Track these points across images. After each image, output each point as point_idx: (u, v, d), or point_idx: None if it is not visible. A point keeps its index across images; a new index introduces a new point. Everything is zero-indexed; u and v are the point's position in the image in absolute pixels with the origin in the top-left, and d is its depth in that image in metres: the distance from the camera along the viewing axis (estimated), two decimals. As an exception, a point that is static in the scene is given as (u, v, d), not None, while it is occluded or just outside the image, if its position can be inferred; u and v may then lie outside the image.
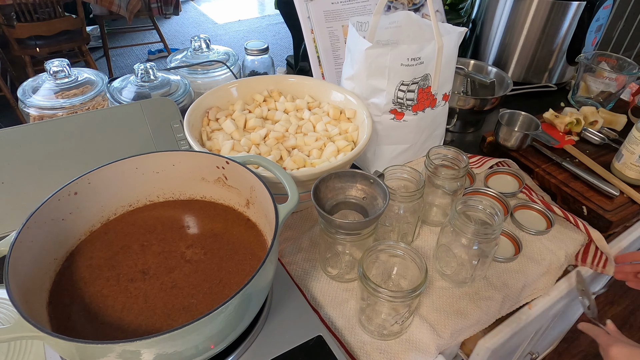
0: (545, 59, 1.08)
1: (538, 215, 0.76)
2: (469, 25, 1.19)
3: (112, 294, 0.48)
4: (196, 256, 0.53)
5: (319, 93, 0.82)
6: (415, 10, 0.95)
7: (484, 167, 0.85)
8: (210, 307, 0.39)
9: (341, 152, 0.70)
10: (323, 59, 0.88)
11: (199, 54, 1.02)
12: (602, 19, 1.03)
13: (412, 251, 0.54)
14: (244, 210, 0.58)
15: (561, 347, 1.63)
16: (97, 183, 0.54)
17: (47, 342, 0.38)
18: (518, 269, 0.68)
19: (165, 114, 0.77)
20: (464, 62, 1.04)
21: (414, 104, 0.76)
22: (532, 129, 0.89)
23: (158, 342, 0.36)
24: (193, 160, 0.57)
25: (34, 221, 0.46)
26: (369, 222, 0.55)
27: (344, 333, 0.57)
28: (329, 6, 0.87)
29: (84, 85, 0.89)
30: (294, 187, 0.51)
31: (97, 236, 0.55)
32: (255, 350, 0.49)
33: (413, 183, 0.65)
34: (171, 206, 0.60)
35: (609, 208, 0.75)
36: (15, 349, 0.52)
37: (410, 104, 0.76)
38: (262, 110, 0.78)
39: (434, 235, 0.72)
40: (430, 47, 0.71)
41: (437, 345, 0.57)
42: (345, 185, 0.61)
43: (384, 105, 0.76)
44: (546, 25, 1.03)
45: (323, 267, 0.64)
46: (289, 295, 0.56)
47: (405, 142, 0.81)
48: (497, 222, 0.58)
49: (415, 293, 0.49)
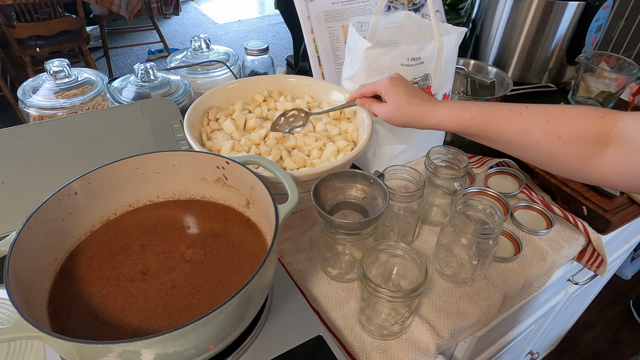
0: (545, 59, 1.08)
1: (538, 215, 0.76)
2: (469, 25, 1.18)
3: (112, 294, 0.48)
4: (196, 256, 0.53)
5: (319, 93, 0.82)
6: (415, 10, 0.95)
7: (484, 167, 0.85)
8: (210, 307, 0.39)
9: (341, 152, 0.70)
10: (323, 59, 0.88)
11: (199, 54, 1.02)
12: (602, 19, 1.03)
13: (412, 251, 0.54)
14: (244, 210, 0.58)
15: (561, 347, 1.63)
16: (97, 183, 0.54)
17: (47, 342, 0.38)
18: (518, 269, 0.68)
19: (165, 114, 0.77)
20: (464, 62, 1.04)
21: (414, 104, 0.76)
22: (532, 129, 0.88)
23: (158, 342, 0.36)
24: (193, 160, 0.57)
25: (34, 221, 0.46)
26: (369, 222, 0.55)
27: (344, 333, 0.57)
28: (329, 6, 0.87)
29: (84, 85, 0.89)
30: (294, 187, 0.51)
31: (97, 236, 0.55)
32: (255, 350, 0.49)
33: (413, 183, 0.65)
34: (171, 206, 0.60)
35: (609, 208, 0.75)
36: (15, 349, 0.52)
37: (410, 104, 0.76)
38: (262, 110, 0.78)
39: (434, 235, 0.72)
40: (430, 47, 0.71)
41: (437, 345, 0.57)
42: (345, 185, 0.61)
43: (384, 105, 0.76)
44: (546, 25, 1.03)
45: (323, 267, 0.64)
46: (289, 295, 0.56)
47: (405, 142, 0.81)
48: (497, 222, 0.58)
49: (415, 293, 0.49)
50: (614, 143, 0.45)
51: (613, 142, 0.45)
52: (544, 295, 0.90)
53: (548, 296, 0.95)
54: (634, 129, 0.44)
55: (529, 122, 0.50)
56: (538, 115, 0.50)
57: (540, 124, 0.49)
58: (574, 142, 0.47)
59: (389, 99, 0.61)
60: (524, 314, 0.91)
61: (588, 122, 0.46)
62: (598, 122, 0.46)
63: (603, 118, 0.46)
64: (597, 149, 0.46)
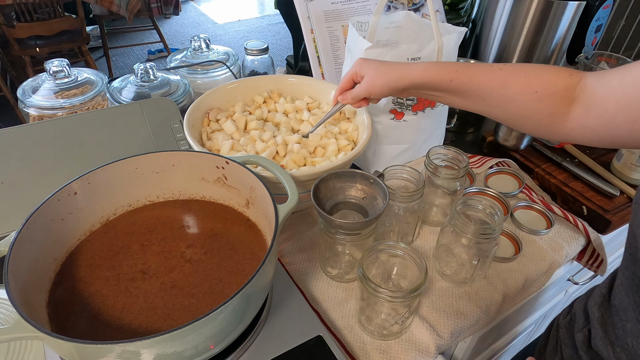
0: (545, 59, 1.08)
1: (538, 215, 0.76)
2: (469, 25, 1.18)
3: (112, 294, 0.48)
4: (196, 256, 0.53)
5: (318, 93, 0.82)
6: (415, 10, 0.95)
7: (484, 167, 0.85)
8: (210, 307, 0.39)
9: (341, 152, 0.70)
10: (323, 59, 0.88)
11: (199, 54, 1.02)
12: (602, 19, 1.03)
13: (412, 251, 0.54)
14: (244, 210, 0.58)
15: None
16: (97, 183, 0.54)
17: (47, 342, 0.38)
18: (518, 269, 0.68)
19: (165, 114, 0.77)
20: (464, 62, 1.04)
21: (413, 103, 0.76)
22: (532, 129, 0.88)
23: (158, 342, 0.36)
24: (193, 160, 0.57)
25: (33, 221, 0.46)
26: (369, 222, 0.55)
27: (344, 333, 0.57)
28: (329, 6, 0.87)
29: (84, 85, 0.89)
30: (293, 187, 0.51)
31: (97, 236, 0.55)
32: (255, 350, 0.49)
33: (413, 183, 0.65)
34: (171, 206, 0.60)
35: (609, 208, 0.75)
36: (15, 349, 0.52)
37: (410, 103, 0.76)
38: (262, 112, 0.78)
39: (434, 235, 0.72)
40: (430, 47, 0.71)
41: (437, 346, 0.57)
42: (345, 185, 0.61)
43: (384, 105, 0.76)
44: (546, 25, 1.03)
45: (323, 267, 0.64)
46: (289, 295, 0.56)
47: (405, 142, 0.81)
48: (497, 222, 0.58)
49: (415, 293, 0.49)
50: (578, 99, 0.47)
51: (577, 98, 0.47)
52: (544, 295, 0.91)
53: (548, 296, 0.95)
54: (593, 85, 0.46)
55: (508, 76, 0.52)
56: (516, 71, 0.52)
57: (519, 78, 0.51)
58: (547, 99, 0.49)
59: (365, 70, 0.60)
60: (524, 314, 0.91)
61: (560, 78, 0.49)
62: (568, 79, 0.48)
63: (572, 75, 0.48)
64: (565, 105, 0.48)
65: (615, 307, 0.48)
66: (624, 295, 0.45)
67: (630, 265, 0.43)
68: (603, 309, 0.51)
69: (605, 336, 0.49)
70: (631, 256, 0.43)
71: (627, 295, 0.45)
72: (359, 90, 0.62)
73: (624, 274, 0.46)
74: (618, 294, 0.47)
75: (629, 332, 0.45)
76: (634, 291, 0.43)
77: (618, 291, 0.47)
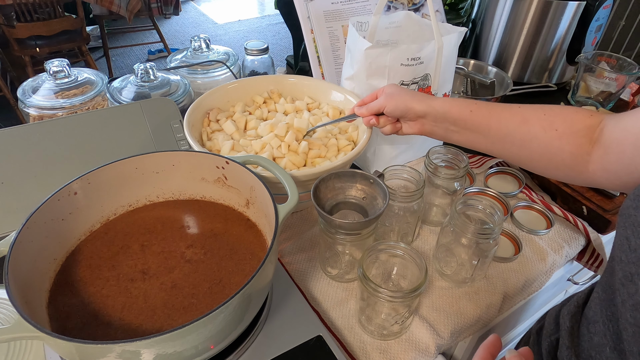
0: (545, 59, 1.08)
1: (538, 215, 0.76)
2: (469, 25, 1.18)
3: (112, 294, 0.48)
4: (196, 256, 0.53)
5: (318, 93, 0.82)
6: (415, 10, 0.95)
7: (484, 167, 0.85)
8: (210, 307, 0.39)
9: (341, 152, 0.70)
10: (323, 59, 0.88)
11: (199, 54, 1.02)
12: (602, 19, 1.03)
13: (412, 251, 0.54)
14: (244, 210, 0.58)
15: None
16: (97, 183, 0.54)
17: (47, 342, 0.38)
18: (518, 269, 0.68)
19: (165, 114, 0.77)
20: (463, 62, 1.04)
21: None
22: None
23: (158, 342, 0.36)
24: (193, 160, 0.57)
25: (33, 221, 0.46)
26: (369, 222, 0.55)
27: (344, 333, 0.57)
28: (329, 6, 0.87)
29: (84, 85, 0.89)
30: (293, 187, 0.51)
31: (97, 236, 0.55)
32: (255, 350, 0.49)
33: (413, 183, 0.65)
34: (171, 206, 0.60)
35: (609, 208, 0.75)
36: (15, 349, 0.52)
37: (410, 104, 0.76)
38: (262, 112, 0.78)
39: (434, 235, 0.72)
40: (430, 47, 0.71)
41: (437, 345, 0.57)
42: (345, 185, 0.61)
43: (384, 105, 0.75)
44: (546, 25, 1.03)
45: (323, 267, 0.64)
46: (289, 295, 0.56)
47: (405, 142, 0.81)
48: (497, 222, 0.58)
49: (415, 293, 0.49)
50: (598, 141, 0.47)
51: (597, 140, 0.47)
52: (544, 295, 0.90)
53: (548, 296, 0.95)
54: (610, 127, 0.46)
55: (528, 114, 0.52)
56: (535, 110, 0.52)
57: (538, 116, 0.51)
58: (568, 137, 0.49)
59: (389, 87, 0.62)
60: (524, 314, 0.91)
61: (580, 117, 0.49)
62: (588, 119, 0.48)
63: (592, 116, 0.48)
64: (587, 145, 0.48)
65: (587, 319, 0.46)
66: (597, 307, 0.44)
67: (609, 277, 0.42)
68: (574, 320, 0.49)
69: (571, 346, 0.47)
70: (610, 267, 0.42)
71: (601, 308, 0.43)
72: (375, 102, 0.63)
73: (601, 285, 0.44)
74: (593, 306, 0.45)
75: (594, 345, 0.43)
76: (607, 305, 0.41)
77: (593, 304, 0.45)
